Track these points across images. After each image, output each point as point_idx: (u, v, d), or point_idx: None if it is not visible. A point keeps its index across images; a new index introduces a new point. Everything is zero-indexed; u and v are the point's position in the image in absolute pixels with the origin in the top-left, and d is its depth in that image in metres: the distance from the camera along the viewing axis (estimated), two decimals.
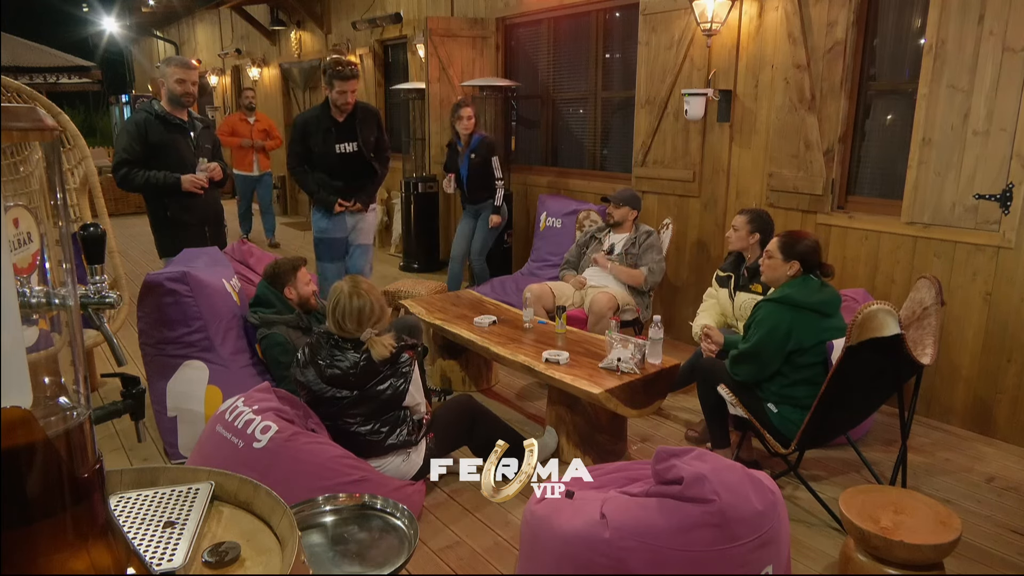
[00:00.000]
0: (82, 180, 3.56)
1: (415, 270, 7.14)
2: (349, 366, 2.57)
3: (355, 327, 2.60)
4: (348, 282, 2.67)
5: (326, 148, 4.16)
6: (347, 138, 4.19)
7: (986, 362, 3.49)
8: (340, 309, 2.60)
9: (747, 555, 1.71)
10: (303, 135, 4.20)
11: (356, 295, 2.61)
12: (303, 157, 4.25)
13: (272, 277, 3.33)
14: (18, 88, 3.35)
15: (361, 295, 2.61)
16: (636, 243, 4.33)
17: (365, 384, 2.58)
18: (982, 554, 2.57)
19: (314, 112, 4.21)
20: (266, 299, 3.29)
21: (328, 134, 4.15)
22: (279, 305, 3.27)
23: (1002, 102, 3.24)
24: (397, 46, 8.17)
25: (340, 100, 4.06)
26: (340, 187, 4.24)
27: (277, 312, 3.25)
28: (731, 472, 1.78)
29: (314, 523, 1.94)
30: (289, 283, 3.30)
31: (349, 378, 2.57)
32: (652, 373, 3.06)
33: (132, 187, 3.75)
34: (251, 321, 3.28)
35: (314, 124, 4.16)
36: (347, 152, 4.20)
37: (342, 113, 4.12)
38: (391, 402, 2.62)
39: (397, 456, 2.69)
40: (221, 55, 12.58)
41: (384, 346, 2.57)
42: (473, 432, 2.92)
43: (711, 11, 4.22)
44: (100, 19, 17.58)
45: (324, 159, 4.19)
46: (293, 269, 3.32)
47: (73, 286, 0.70)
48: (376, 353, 2.56)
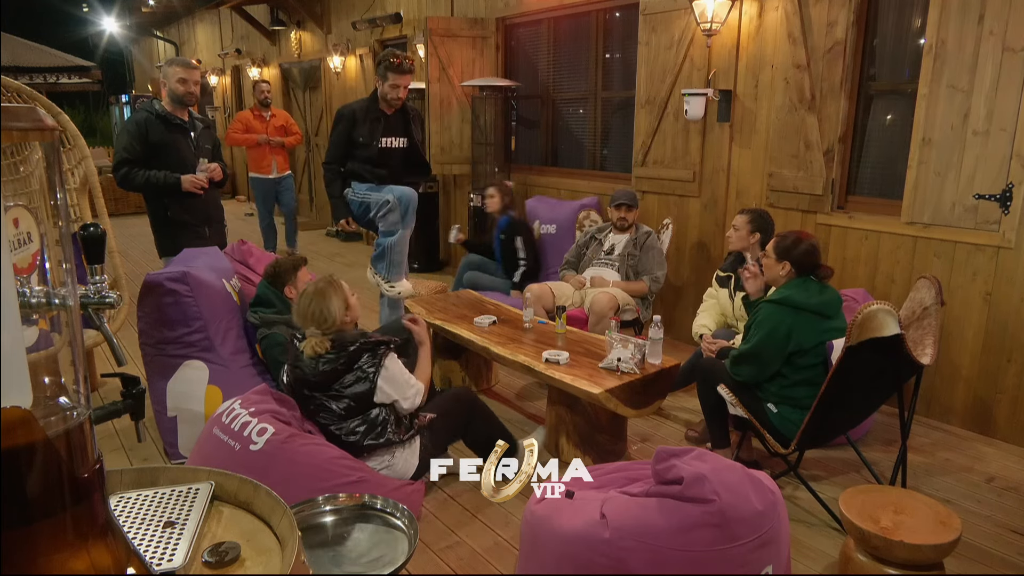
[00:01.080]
0: (82, 180, 3.56)
1: (415, 270, 7.14)
2: (309, 367, 2.59)
3: (307, 325, 2.63)
4: (319, 281, 2.68)
5: (371, 139, 4.07)
6: (395, 132, 4.12)
7: (986, 362, 3.49)
8: (300, 309, 2.64)
9: (747, 555, 1.71)
10: (351, 125, 4.05)
11: (316, 295, 2.62)
12: (343, 154, 4.10)
13: (273, 276, 3.33)
14: (18, 88, 3.35)
15: (319, 294, 2.61)
16: (636, 244, 4.33)
17: (329, 384, 2.59)
18: (982, 554, 2.57)
19: (362, 103, 4.12)
20: (266, 299, 3.29)
21: (376, 125, 4.06)
22: (279, 305, 3.27)
23: (1002, 102, 3.24)
24: (397, 46, 8.17)
25: (392, 94, 3.98)
26: (384, 175, 4.14)
27: (277, 312, 3.25)
28: (731, 472, 1.78)
29: (314, 523, 1.94)
30: (289, 282, 3.30)
31: (310, 378, 2.59)
32: (652, 373, 3.06)
33: (132, 187, 3.76)
34: (251, 321, 3.28)
35: (362, 114, 4.06)
36: (391, 147, 4.13)
37: (391, 107, 4.06)
38: (360, 401, 2.62)
39: (380, 457, 2.68)
40: (221, 55, 12.58)
41: (311, 346, 2.59)
42: (470, 427, 2.92)
43: (711, 11, 4.22)
44: (100, 19, 17.58)
45: (365, 149, 4.09)
46: (294, 268, 3.32)
47: (73, 286, 0.70)
48: (306, 351, 2.59)
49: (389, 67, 3.91)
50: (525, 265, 4.90)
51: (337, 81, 9.29)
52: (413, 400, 2.71)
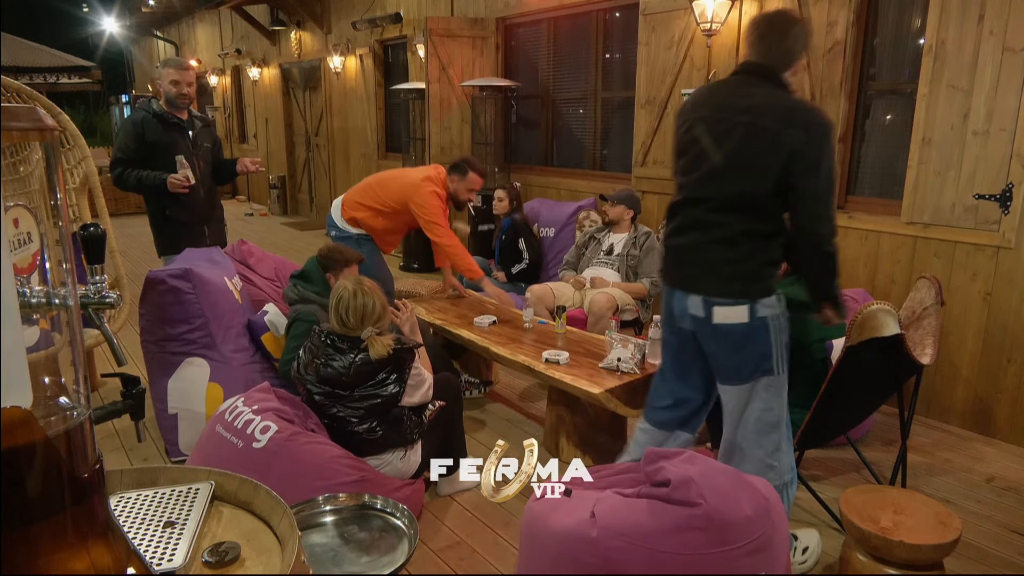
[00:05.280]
0: (82, 180, 3.57)
1: (415, 270, 7.14)
2: (343, 366, 2.58)
3: (357, 324, 2.62)
4: (353, 281, 2.70)
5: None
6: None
7: (986, 362, 3.49)
8: (344, 305, 2.63)
9: (735, 560, 1.68)
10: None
11: (360, 293, 2.63)
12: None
13: (325, 257, 3.36)
14: (18, 88, 3.35)
15: (365, 293, 2.63)
16: (636, 244, 4.33)
17: (358, 385, 2.59)
18: (982, 554, 2.57)
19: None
20: (311, 275, 3.32)
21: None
22: (321, 286, 3.29)
23: (1002, 102, 3.24)
24: (397, 46, 8.18)
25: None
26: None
27: (318, 292, 3.27)
28: (722, 476, 1.75)
29: (314, 523, 1.94)
30: (334, 270, 3.32)
31: (342, 378, 2.59)
32: (652, 373, 3.06)
33: (126, 187, 3.76)
34: (289, 295, 3.30)
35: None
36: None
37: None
38: (388, 402, 2.62)
39: (395, 453, 2.69)
40: (221, 55, 12.58)
41: (383, 345, 2.58)
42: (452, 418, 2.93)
43: (711, 11, 4.22)
44: (100, 19, 17.58)
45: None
46: (345, 262, 3.34)
47: (73, 286, 0.70)
48: (374, 352, 2.57)
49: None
50: (527, 263, 4.91)
51: (337, 81, 9.29)
52: (426, 394, 2.74)
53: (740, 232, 2.19)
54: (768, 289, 2.22)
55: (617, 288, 4.19)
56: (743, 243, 2.19)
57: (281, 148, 11.18)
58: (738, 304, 2.20)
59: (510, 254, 4.96)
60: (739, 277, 2.20)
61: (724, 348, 2.27)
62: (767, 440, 2.29)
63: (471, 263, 3.96)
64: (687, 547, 1.67)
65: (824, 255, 2.17)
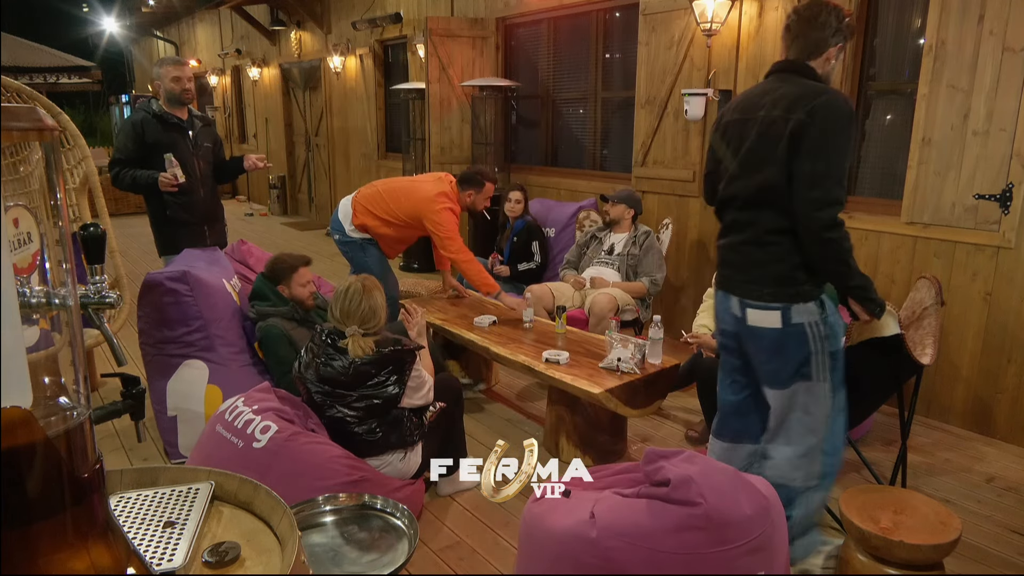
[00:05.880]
0: (82, 180, 3.56)
1: (415, 270, 7.14)
2: (343, 366, 2.58)
3: (343, 319, 2.64)
4: (357, 278, 2.71)
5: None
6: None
7: (986, 362, 3.49)
8: (336, 299, 2.66)
9: (735, 560, 1.69)
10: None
11: (352, 290, 2.65)
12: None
13: (269, 272, 3.34)
14: (18, 88, 3.35)
15: (357, 291, 2.64)
16: (636, 243, 4.33)
17: (358, 385, 2.59)
18: (982, 554, 2.57)
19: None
20: (261, 292, 3.30)
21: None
22: (274, 299, 3.27)
23: (1002, 102, 3.24)
24: (397, 46, 8.18)
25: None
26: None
27: (272, 305, 3.25)
28: (721, 475, 1.75)
29: (314, 523, 1.94)
30: (284, 281, 3.29)
31: (341, 378, 2.59)
32: (652, 373, 3.06)
33: (122, 187, 3.78)
34: (250, 316, 3.29)
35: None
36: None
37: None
38: (388, 403, 2.62)
39: (395, 454, 2.69)
40: (221, 55, 12.58)
41: (360, 346, 2.59)
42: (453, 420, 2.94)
43: (711, 11, 4.22)
44: (100, 19, 17.56)
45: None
46: (291, 269, 3.31)
47: (73, 286, 0.70)
48: (351, 351, 2.59)
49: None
50: (536, 265, 4.91)
51: (337, 81, 9.29)
52: (427, 396, 2.73)
53: (767, 231, 2.17)
54: (803, 294, 2.16)
55: (617, 288, 4.19)
56: (772, 243, 2.17)
57: (281, 148, 11.17)
58: (770, 308, 2.18)
59: (521, 256, 4.95)
60: (770, 280, 2.18)
61: (760, 351, 2.27)
62: (802, 442, 2.29)
63: (487, 278, 3.89)
64: (687, 547, 1.67)
65: (824, 242, 2.07)
